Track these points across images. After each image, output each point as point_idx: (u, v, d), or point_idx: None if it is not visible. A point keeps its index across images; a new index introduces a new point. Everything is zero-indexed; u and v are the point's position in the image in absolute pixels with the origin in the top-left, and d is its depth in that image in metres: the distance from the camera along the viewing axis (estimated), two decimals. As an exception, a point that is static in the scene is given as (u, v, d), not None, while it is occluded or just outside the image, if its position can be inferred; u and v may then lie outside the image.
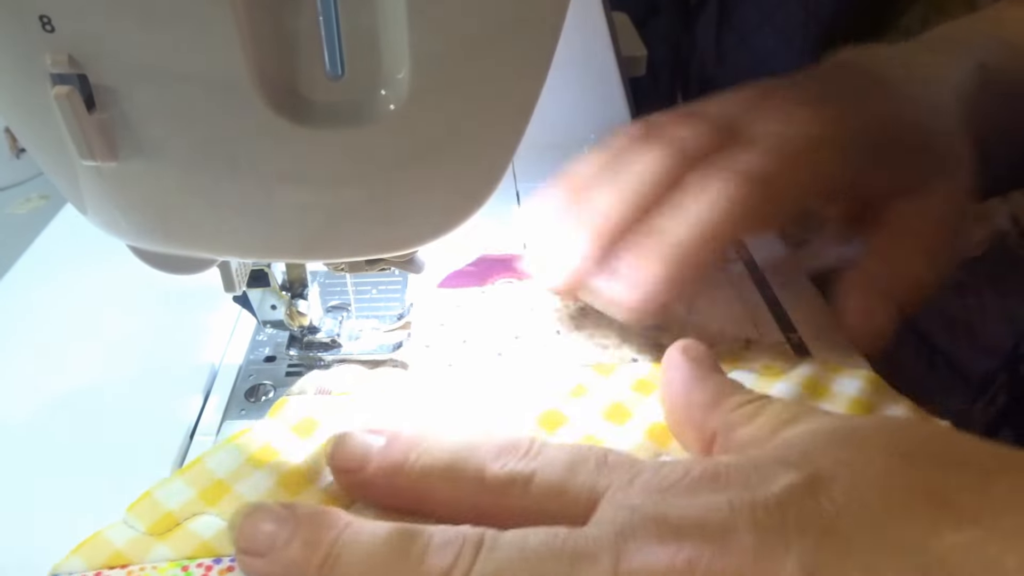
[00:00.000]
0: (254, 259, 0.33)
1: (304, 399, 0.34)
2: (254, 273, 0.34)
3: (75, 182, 0.25)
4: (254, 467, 0.31)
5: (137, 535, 0.28)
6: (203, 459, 0.31)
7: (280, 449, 0.32)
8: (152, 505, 0.29)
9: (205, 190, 0.24)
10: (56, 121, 0.21)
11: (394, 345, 0.37)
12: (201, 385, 0.37)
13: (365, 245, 0.27)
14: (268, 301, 0.35)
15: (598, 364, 0.37)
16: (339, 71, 0.22)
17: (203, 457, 0.31)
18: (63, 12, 0.20)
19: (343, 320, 0.38)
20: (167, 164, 0.23)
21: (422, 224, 0.27)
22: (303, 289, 0.36)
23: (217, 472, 0.30)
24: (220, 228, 0.25)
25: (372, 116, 0.23)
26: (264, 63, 0.21)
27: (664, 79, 0.81)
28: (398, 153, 0.24)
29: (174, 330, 0.41)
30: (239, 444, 0.32)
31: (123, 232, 0.26)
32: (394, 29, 0.21)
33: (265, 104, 0.21)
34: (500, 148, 0.26)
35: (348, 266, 0.33)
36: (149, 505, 0.29)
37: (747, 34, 0.78)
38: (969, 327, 0.73)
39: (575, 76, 0.60)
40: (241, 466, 0.31)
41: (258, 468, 0.31)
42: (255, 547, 0.26)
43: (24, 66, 0.21)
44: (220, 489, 0.30)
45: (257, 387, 0.37)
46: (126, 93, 0.21)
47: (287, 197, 0.24)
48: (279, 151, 0.23)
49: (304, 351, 0.37)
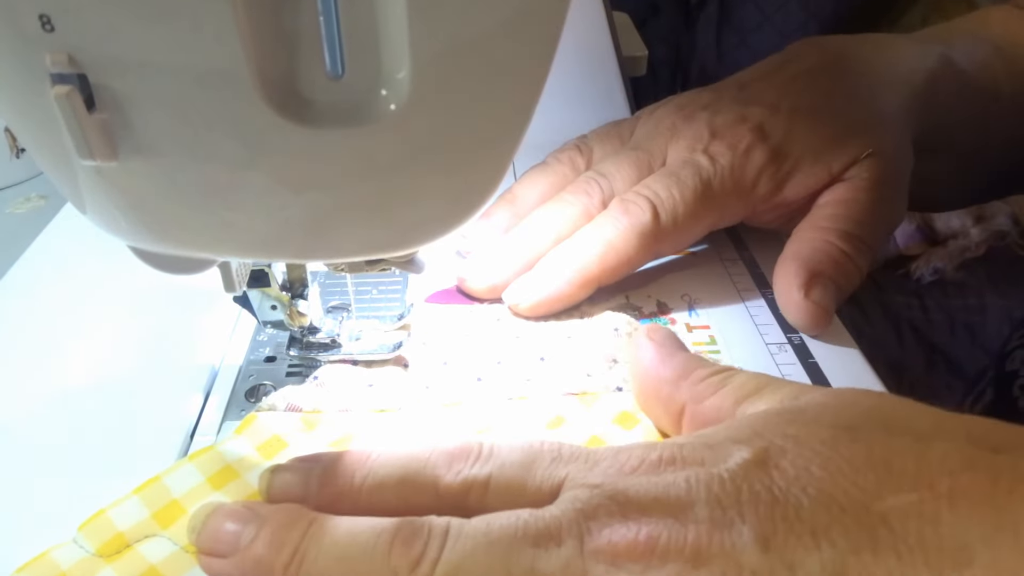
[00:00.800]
0: (254, 259, 0.33)
1: (274, 416, 0.33)
2: (254, 273, 0.34)
3: (75, 182, 0.24)
4: (212, 488, 0.29)
5: (85, 556, 0.27)
6: (161, 477, 0.30)
7: (241, 470, 0.30)
8: (104, 524, 0.28)
9: (205, 190, 0.24)
10: (56, 121, 0.21)
11: (394, 345, 0.37)
12: (201, 385, 0.37)
13: (365, 245, 0.27)
14: (268, 301, 0.35)
15: (582, 393, 0.35)
16: (339, 71, 0.22)
17: (161, 475, 0.30)
18: (63, 12, 0.20)
19: (343, 320, 0.38)
20: (167, 164, 0.23)
21: (422, 224, 0.27)
22: (303, 289, 0.36)
23: (173, 491, 0.29)
24: (220, 228, 0.25)
25: (372, 116, 0.23)
26: (264, 63, 0.21)
27: (664, 79, 0.81)
28: (398, 153, 0.24)
29: (174, 330, 0.41)
30: (199, 463, 0.30)
31: (123, 232, 0.26)
32: (395, 29, 0.21)
33: (265, 104, 0.21)
34: (500, 148, 0.26)
35: (348, 266, 0.33)
36: (101, 524, 0.28)
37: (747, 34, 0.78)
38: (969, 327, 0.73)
39: (575, 76, 0.60)
40: (199, 487, 0.29)
41: (216, 489, 0.29)
42: (219, 548, 0.26)
43: (24, 66, 0.21)
44: (175, 510, 0.29)
45: (257, 387, 0.37)
46: (126, 93, 0.21)
47: (287, 197, 0.24)
48: (279, 151, 0.23)
49: (304, 351, 0.37)
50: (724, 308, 0.42)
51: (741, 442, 0.25)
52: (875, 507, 0.22)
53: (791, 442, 0.24)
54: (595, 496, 0.24)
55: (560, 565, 0.23)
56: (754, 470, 0.24)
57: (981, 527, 0.21)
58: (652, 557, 0.23)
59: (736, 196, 0.42)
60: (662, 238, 0.40)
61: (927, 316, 0.73)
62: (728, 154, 0.42)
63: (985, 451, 0.23)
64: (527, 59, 0.24)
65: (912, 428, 0.25)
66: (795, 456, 0.24)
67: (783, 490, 0.23)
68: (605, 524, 0.23)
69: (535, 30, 0.23)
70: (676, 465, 0.25)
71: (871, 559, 0.21)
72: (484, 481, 0.27)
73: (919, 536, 0.22)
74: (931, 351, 0.72)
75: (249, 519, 0.26)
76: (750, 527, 0.22)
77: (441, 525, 0.25)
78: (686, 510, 0.23)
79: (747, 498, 0.23)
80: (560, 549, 0.23)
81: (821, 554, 0.22)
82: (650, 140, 0.44)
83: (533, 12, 0.23)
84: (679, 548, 0.23)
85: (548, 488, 0.26)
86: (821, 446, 0.24)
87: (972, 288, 0.74)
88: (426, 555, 0.24)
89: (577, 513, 0.24)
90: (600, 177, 0.43)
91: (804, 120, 0.43)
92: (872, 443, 0.24)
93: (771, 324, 0.41)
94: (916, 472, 0.23)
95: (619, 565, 0.23)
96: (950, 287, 0.74)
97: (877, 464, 0.23)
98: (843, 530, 0.22)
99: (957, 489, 0.22)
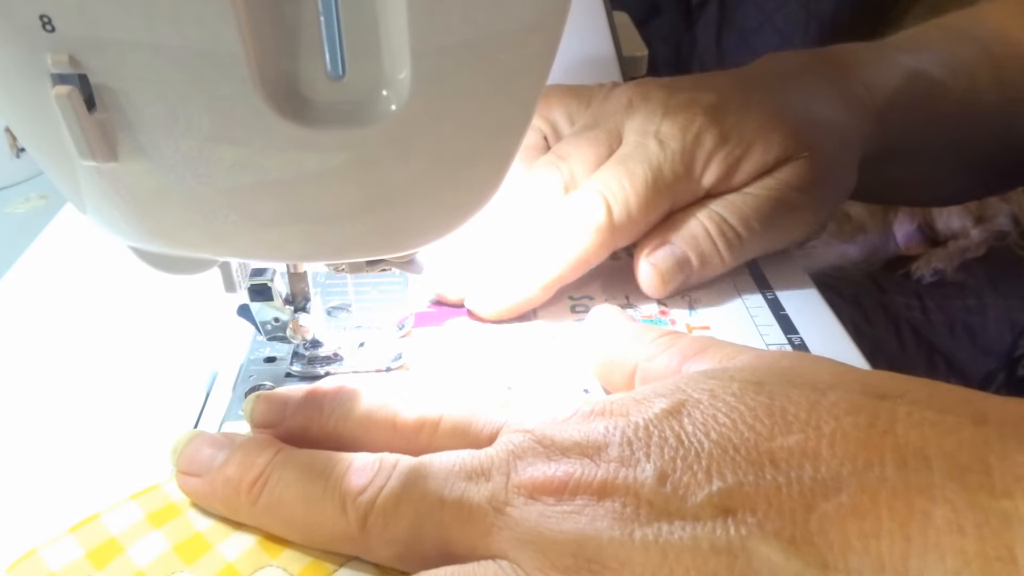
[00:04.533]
0: (254, 260, 0.33)
1: None
2: (256, 287, 0.34)
3: (75, 182, 0.24)
4: (152, 526, 0.29)
5: None
6: (100, 515, 0.29)
7: (184, 508, 0.29)
8: (34, 566, 0.27)
9: (205, 191, 0.24)
10: (56, 121, 0.21)
11: (395, 356, 0.38)
12: (201, 385, 0.37)
13: (366, 246, 0.27)
14: (271, 315, 0.35)
15: None
16: (340, 71, 0.22)
17: (100, 513, 0.29)
18: (63, 12, 0.20)
19: (345, 331, 0.38)
20: (167, 165, 0.23)
21: (423, 225, 0.27)
22: (306, 303, 0.36)
23: (112, 530, 0.28)
24: (220, 229, 0.25)
25: (373, 117, 0.23)
26: (265, 63, 0.21)
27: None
28: (399, 154, 0.24)
29: (174, 330, 0.41)
30: (142, 501, 0.29)
31: (123, 232, 0.26)
32: (395, 29, 0.21)
33: (266, 104, 0.21)
34: (501, 148, 0.26)
35: (348, 267, 0.33)
36: (31, 566, 0.27)
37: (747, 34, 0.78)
38: (969, 327, 0.73)
39: (575, 76, 0.60)
40: (138, 524, 0.29)
41: (157, 528, 0.29)
42: (194, 468, 0.29)
43: (24, 66, 0.21)
44: (111, 549, 0.28)
45: (257, 387, 0.37)
46: (127, 93, 0.21)
47: (288, 198, 0.24)
48: (280, 151, 0.23)
49: (308, 366, 0.37)
50: (724, 308, 0.42)
51: (663, 395, 0.27)
52: (764, 447, 0.25)
53: (706, 395, 0.27)
54: (526, 440, 0.27)
55: (487, 495, 0.26)
56: (667, 419, 0.26)
57: (853, 462, 0.23)
58: (564, 491, 0.25)
59: (687, 181, 0.42)
60: (617, 232, 0.41)
61: (927, 317, 0.73)
62: (679, 137, 0.42)
63: (873, 398, 0.25)
64: (528, 59, 0.24)
65: (814, 381, 0.27)
66: (707, 407, 0.26)
67: (689, 435, 0.26)
68: (530, 463, 0.26)
69: (536, 30, 0.23)
70: (604, 416, 0.28)
71: (753, 491, 0.24)
72: (435, 421, 0.30)
73: (799, 471, 0.24)
74: (931, 351, 0.72)
75: (224, 445, 0.30)
76: (653, 465, 0.25)
77: (390, 460, 0.28)
78: (600, 451, 0.26)
79: (656, 441, 0.26)
80: (488, 483, 0.27)
81: (711, 487, 0.24)
82: (607, 117, 0.45)
83: (534, 13, 0.23)
84: (588, 483, 0.25)
85: (489, 431, 0.29)
86: (731, 397, 0.26)
87: (972, 289, 0.74)
88: (372, 483, 0.27)
89: (508, 454, 0.27)
90: (560, 161, 0.44)
91: (757, 108, 0.43)
92: (774, 394, 0.26)
93: (771, 325, 0.41)
94: (807, 418, 0.25)
95: (536, 498, 0.26)
96: (950, 288, 0.74)
97: (775, 411, 0.25)
98: (733, 467, 0.24)
99: (838, 430, 0.24)
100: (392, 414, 0.30)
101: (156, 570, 0.27)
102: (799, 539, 0.23)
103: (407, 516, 0.26)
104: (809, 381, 0.27)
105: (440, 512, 0.26)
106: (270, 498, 0.28)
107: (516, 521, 0.26)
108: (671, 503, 0.24)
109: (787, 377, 0.27)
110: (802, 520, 0.23)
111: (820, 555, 0.22)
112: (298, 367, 0.37)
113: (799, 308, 0.42)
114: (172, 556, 0.28)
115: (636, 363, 0.33)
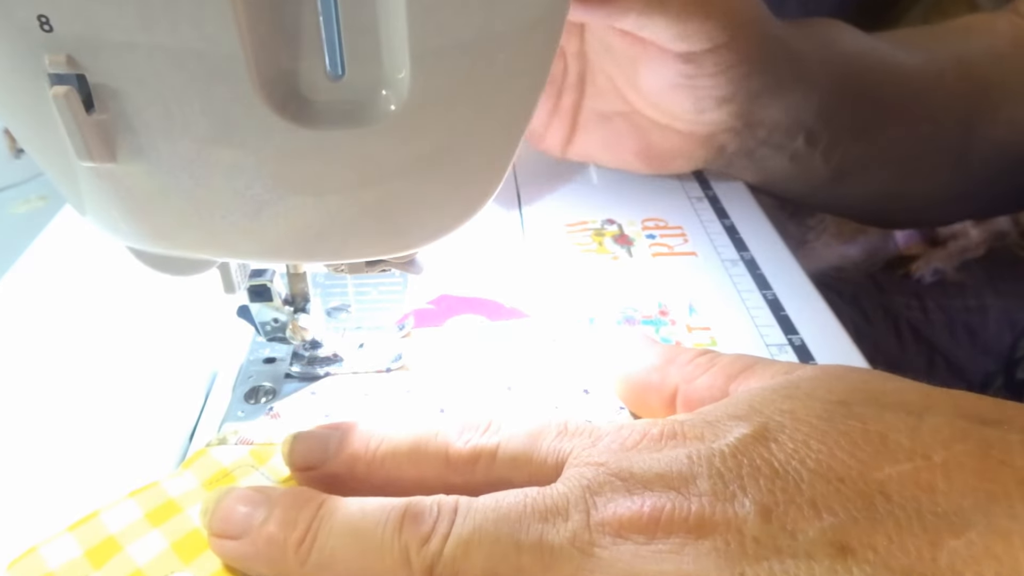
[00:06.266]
0: (253, 261, 0.33)
1: (224, 449, 0.32)
2: (256, 288, 0.34)
3: (74, 183, 0.24)
4: (151, 524, 0.28)
5: None
6: (98, 513, 0.29)
7: (184, 505, 0.29)
8: (34, 564, 0.27)
9: (204, 192, 0.24)
10: (54, 121, 0.21)
11: (395, 357, 0.38)
12: (201, 386, 0.37)
13: (365, 246, 0.27)
14: (270, 316, 0.35)
15: None
16: (340, 71, 0.22)
17: (99, 511, 0.29)
18: (61, 12, 0.20)
19: (344, 332, 0.38)
20: (166, 165, 0.23)
21: (423, 225, 0.27)
22: (305, 304, 0.36)
23: (110, 528, 0.28)
24: (219, 230, 0.25)
25: (373, 117, 0.23)
26: (265, 63, 0.21)
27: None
28: (399, 154, 0.24)
29: (174, 330, 0.41)
30: (141, 499, 0.29)
31: (122, 233, 0.26)
32: (395, 29, 0.21)
33: (266, 105, 0.21)
34: (501, 149, 0.26)
35: (348, 267, 0.33)
36: (31, 564, 0.27)
37: (747, 34, 0.78)
38: (969, 327, 0.73)
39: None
40: (137, 523, 0.28)
41: (156, 526, 0.28)
42: (230, 529, 0.27)
43: (22, 66, 0.21)
44: (109, 548, 0.27)
45: (257, 388, 0.37)
46: (125, 93, 0.21)
47: (287, 198, 0.24)
48: (279, 152, 0.23)
49: (308, 367, 0.37)
50: (724, 309, 0.42)
51: (740, 418, 0.26)
52: (872, 477, 0.23)
53: (788, 417, 0.25)
54: (600, 474, 0.25)
55: (568, 536, 0.24)
56: (753, 444, 0.24)
57: (975, 495, 0.22)
58: (657, 528, 0.23)
59: None
60: None
61: (927, 317, 0.73)
62: None
63: (975, 424, 0.24)
64: (528, 60, 0.24)
65: (903, 402, 0.25)
66: (793, 431, 0.25)
67: (783, 463, 0.24)
68: (610, 499, 0.24)
69: (536, 31, 0.23)
70: (677, 440, 0.26)
71: (870, 526, 0.22)
72: (492, 450, 0.28)
73: (916, 503, 0.22)
74: (931, 352, 0.72)
75: (260, 502, 0.27)
76: (752, 499, 0.23)
77: (450, 503, 0.25)
78: (688, 483, 0.24)
79: (748, 471, 0.24)
80: (567, 523, 0.24)
81: (822, 522, 0.22)
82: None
83: (533, 13, 0.23)
84: (683, 519, 0.23)
85: (553, 462, 0.27)
86: (818, 420, 0.25)
87: (972, 289, 0.74)
88: (436, 530, 0.24)
89: (583, 490, 0.25)
90: None
91: None
92: (866, 417, 0.25)
93: (772, 325, 0.41)
94: (911, 444, 0.23)
95: (625, 536, 0.23)
96: (950, 288, 0.74)
97: (873, 437, 0.24)
98: (842, 500, 0.23)
99: (951, 460, 0.23)
100: (444, 444, 0.28)
101: (154, 568, 0.27)
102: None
103: (479, 563, 0.24)
104: (897, 401, 0.25)
105: (517, 557, 0.24)
106: (321, 556, 0.25)
107: (608, 563, 0.23)
108: (779, 540, 0.22)
109: (872, 397, 0.26)
110: (929, 558, 0.21)
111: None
112: (298, 368, 0.37)
113: (799, 308, 0.42)
114: (170, 554, 0.27)
115: (675, 386, 0.31)
